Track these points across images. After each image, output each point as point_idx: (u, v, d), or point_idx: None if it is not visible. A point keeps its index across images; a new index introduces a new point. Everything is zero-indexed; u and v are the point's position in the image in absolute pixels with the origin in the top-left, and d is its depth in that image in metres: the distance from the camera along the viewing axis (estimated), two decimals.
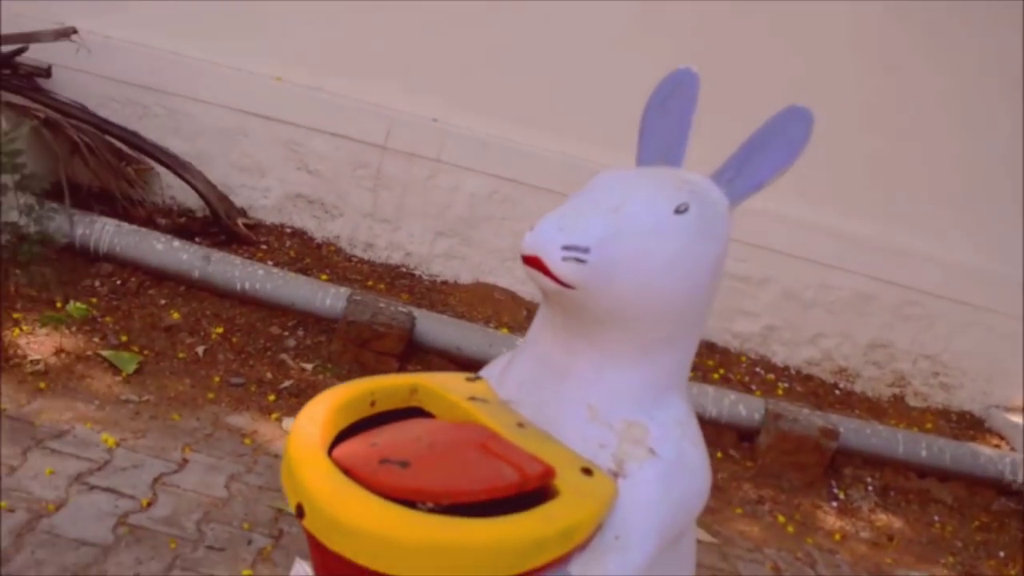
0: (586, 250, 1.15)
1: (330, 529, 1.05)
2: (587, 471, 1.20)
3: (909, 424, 3.65)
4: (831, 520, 3.12)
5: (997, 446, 3.62)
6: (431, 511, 1.06)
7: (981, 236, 3.67)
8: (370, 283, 3.45)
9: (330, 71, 3.48)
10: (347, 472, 1.10)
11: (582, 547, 1.15)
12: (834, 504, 3.21)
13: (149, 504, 2.14)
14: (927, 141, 3.61)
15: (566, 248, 1.15)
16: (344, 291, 3.20)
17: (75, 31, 3.08)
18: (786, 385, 3.63)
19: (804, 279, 3.65)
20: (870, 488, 3.33)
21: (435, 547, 1.02)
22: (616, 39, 3.47)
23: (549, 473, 1.15)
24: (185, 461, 2.37)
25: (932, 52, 3.53)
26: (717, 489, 3.11)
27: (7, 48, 3.14)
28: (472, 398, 1.32)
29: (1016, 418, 3.71)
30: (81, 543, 1.93)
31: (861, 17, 3.49)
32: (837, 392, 3.74)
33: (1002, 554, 3.21)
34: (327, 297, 3.17)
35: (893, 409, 3.75)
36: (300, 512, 1.07)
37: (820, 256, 3.63)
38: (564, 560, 1.12)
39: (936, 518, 3.31)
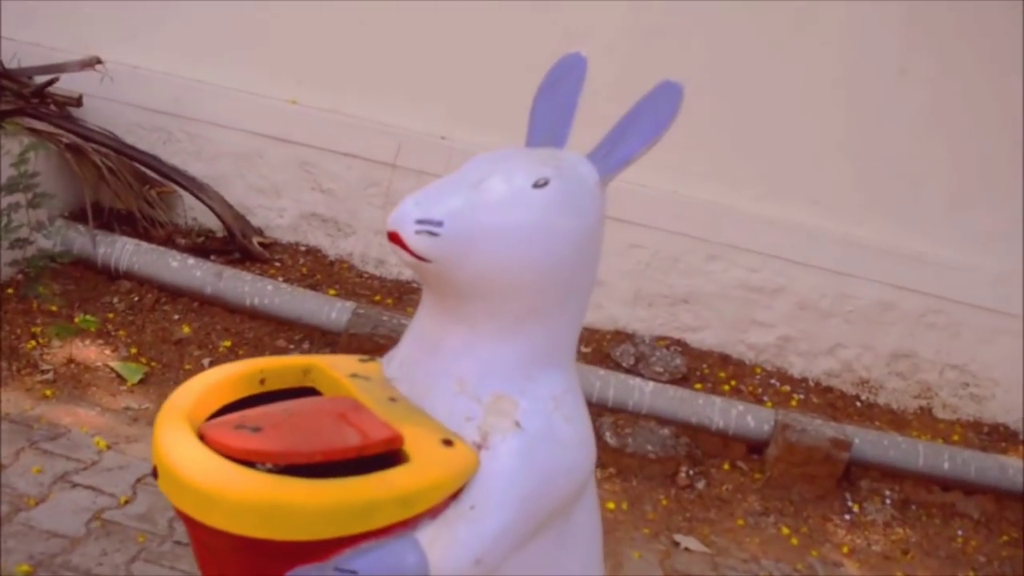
0: (439, 223, 1.19)
1: (175, 487, 1.10)
2: (448, 442, 1.22)
3: (936, 436, 3.50)
4: (841, 533, 3.02)
5: None
6: (269, 471, 1.11)
7: (1007, 240, 3.52)
8: (378, 298, 3.52)
9: (342, 92, 3.59)
10: (201, 437, 1.15)
11: (433, 515, 1.17)
12: (846, 517, 3.10)
13: (127, 502, 2.23)
14: (946, 143, 3.49)
15: (419, 222, 1.19)
16: (349, 305, 3.27)
17: (100, 61, 3.27)
18: (802, 397, 3.54)
19: (820, 288, 3.56)
20: (887, 501, 3.20)
21: (263, 504, 1.06)
22: (622, 53, 3.48)
23: (395, 439, 1.17)
24: None
25: (948, 53, 3.43)
26: (720, 500, 3.06)
27: (40, 79, 3.36)
28: (353, 375, 1.36)
29: None
30: (52, 535, 2.02)
31: (873, 20, 3.42)
32: (859, 404, 3.62)
33: None
34: (332, 311, 3.25)
35: (919, 421, 3.60)
36: (154, 473, 1.12)
37: (837, 265, 3.54)
38: (408, 525, 1.14)
39: (960, 532, 3.16)
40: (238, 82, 3.60)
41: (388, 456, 1.17)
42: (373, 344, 3.12)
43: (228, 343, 3.18)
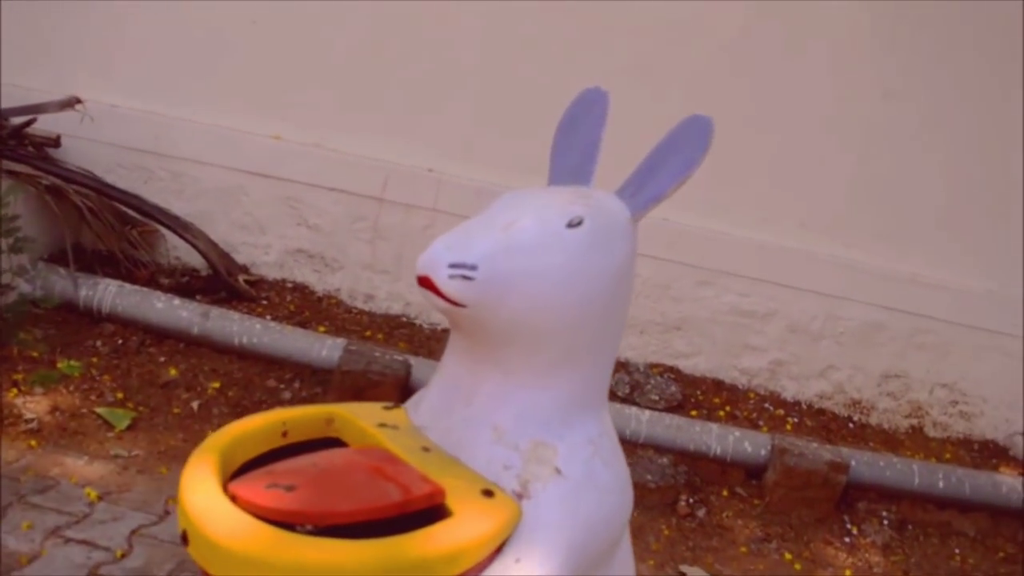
0: (473, 267, 1.16)
1: (209, 553, 1.05)
2: (488, 493, 1.18)
3: (928, 455, 3.51)
4: (842, 556, 3.01)
5: (1022, 474, 3.46)
6: (310, 533, 1.06)
7: (993, 260, 3.57)
8: (368, 333, 3.47)
9: (327, 127, 3.56)
10: (233, 498, 1.10)
11: (480, 569, 1.13)
12: (846, 540, 3.09)
13: (123, 555, 2.15)
14: (932, 166, 3.54)
15: (452, 266, 1.16)
16: (340, 342, 3.22)
17: (79, 101, 3.21)
18: (796, 420, 3.54)
19: (811, 311, 3.58)
20: (885, 522, 3.20)
21: (309, 569, 1.01)
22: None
23: (437, 493, 1.14)
24: (167, 513, 2.39)
25: (932, 76, 3.48)
26: (722, 528, 3.04)
27: (17, 120, 3.29)
28: (382, 424, 1.32)
29: None
30: None
31: (852, 40, 3.47)
32: (851, 425, 3.63)
33: None
34: (323, 348, 3.20)
35: (911, 441, 3.62)
36: (184, 539, 1.08)
37: (826, 287, 3.56)
38: None
39: (957, 551, 3.16)
40: (219, 119, 3.56)
41: (429, 510, 1.14)
42: (367, 380, 3.07)
43: (217, 384, 3.11)
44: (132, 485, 2.50)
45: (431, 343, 3.51)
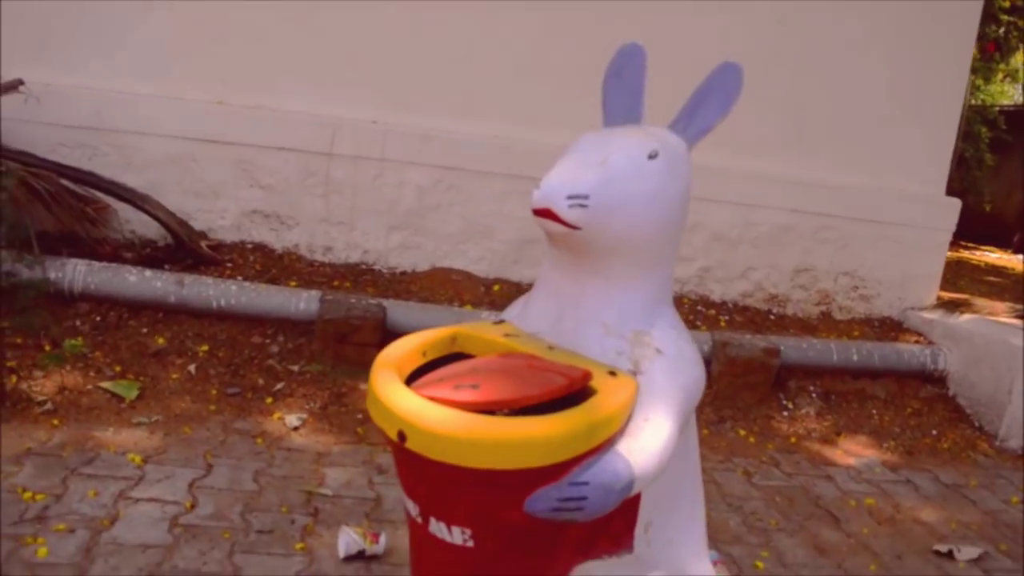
0: (586, 197, 1.43)
1: (434, 443, 1.30)
2: (612, 373, 1.48)
3: (839, 335, 4.06)
4: (785, 427, 3.50)
5: (917, 342, 4.05)
6: (506, 415, 1.34)
7: (880, 162, 4.10)
8: (336, 283, 3.65)
9: (269, 89, 3.66)
10: (433, 401, 1.36)
11: (621, 432, 1.43)
12: (785, 414, 3.59)
13: (192, 506, 2.33)
14: (821, 84, 4.00)
15: (570, 198, 1.43)
16: (315, 294, 3.40)
17: (22, 82, 3.18)
18: (727, 318, 3.99)
19: (730, 220, 4.01)
20: (814, 395, 3.71)
21: (522, 441, 1.29)
22: (535, 27, 3.74)
23: (588, 376, 1.43)
24: (210, 466, 2.57)
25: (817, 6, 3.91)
26: None
27: None
28: (506, 335, 1.59)
29: (929, 315, 4.16)
30: (145, 547, 2.12)
31: None
32: (772, 317, 4.12)
33: (935, 432, 3.64)
34: (300, 302, 3.37)
35: (823, 324, 4.16)
36: (402, 438, 1.32)
37: (741, 198, 3.99)
38: (610, 442, 1.40)
39: (874, 412, 3.72)
40: (161, 88, 3.59)
41: (572, 394, 1.42)
42: (348, 326, 3.28)
43: (205, 347, 3.25)
44: (166, 447, 2.64)
45: (395, 286, 3.74)
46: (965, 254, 6.47)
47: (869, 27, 3.98)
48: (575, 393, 1.43)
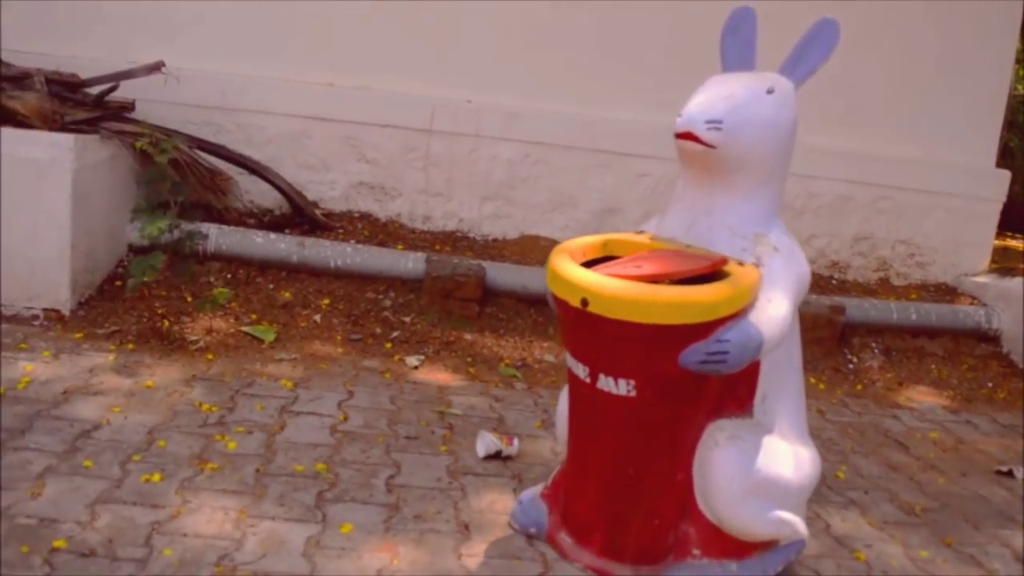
0: (720, 121, 1.79)
1: (613, 305, 1.65)
2: (741, 264, 1.83)
3: (898, 299, 4.34)
4: (852, 378, 3.80)
5: (971, 304, 4.33)
6: (670, 284, 1.69)
7: (933, 133, 4.39)
8: (436, 247, 4.02)
9: (374, 72, 4.04)
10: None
11: (750, 308, 1.77)
12: (851, 366, 3.89)
13: (345, 418, 2.70)
14: (875, 66, 4.30)
15: (708, 122, 1.78)
16: (421, 255, 3.77)
17: (164, 64, 3.58)
18: None
19: (793, 191, 4.32)
20: (876, 351, 4.01)
21: (682, 302, 1.64)
22: (612, 16, 4.10)
23: (726, 260, 1.78)
24: (351, 392, 2.93)
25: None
26: None
27: (98, 89, 3.64)
28: (651, 239, 1.94)
29: (982, 279, 4.44)
30: (314, 446, 2.48)
31: None
32: (834, 282, 4.42)
33: (990, 384, 3.92)
34: (408, 262, 3.74)
35: (882, 289, 4.45)
36: (584, 303, 1.67)
37: (803, 169, 4.26)
38: (743, 313, 1.74)
39: (933, 366, 4.00)
40: (278, 71, 3.99)
41: (715, 276, 1.77)
42: (454, 283, 3.65)
43: (327, 301, 3.62)
44: (309, 377, 3.01)
45: (488, 251, 4.09)
46: (1012, 243, 6.70)
47: (922, 5, 4.28)
48: (714, 275, 1.77)
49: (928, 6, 4.30)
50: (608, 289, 1.66)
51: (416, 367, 3.28)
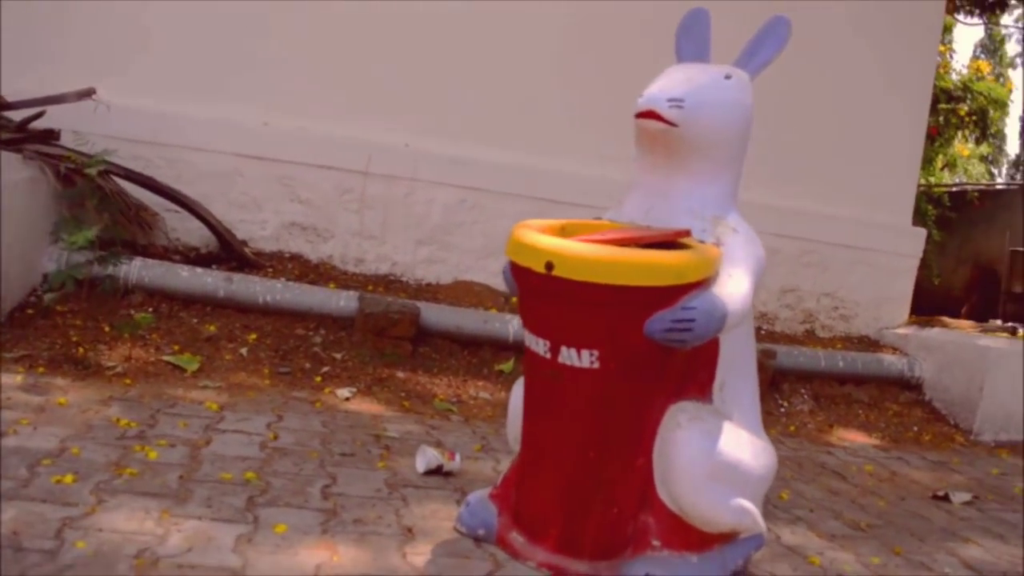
0: (682, 100, 1.81)
1: (579, 266, 1.62)
2: (701, 242, 1.82)
3: (824, 348, 4.42)
4: (783, 421, 3.81)
5: (895, 355, 4.44)
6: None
7: (856, 194, 4.58)
8: (369, 288, 3.93)
9: (311, 112, 4.01)
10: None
11: (712, 281, 1.75)
12: (782, 409, 3.91)
13: (275, 437, 2.55)
14: (801, 124, 4.50)
15: (670, 101, 1.80)
16: (353, 293, 3.68)
17: (95, 91, 3.49)
18: None
19: None
20: (806, 396, 4.05)
21: (649, 263, 1.61)
22: (552, 66, 4.20)
23: (688, 232, 1.77)
24: (280, 417, 2.79)
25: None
26: None
27: (25, 113, 3.50)
28: (610, 219, 1.93)
29: (903, 330, 4.57)
30: (243, 458, 2.33)
31: None
32: (762, 332, 4.48)
33: (915, 428, 3.99)
34: (340, 300, 3.65)
35: (808, 341, 4.53)
36: (549, 267, 1.63)
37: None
38: (706, 284, 1.72)
39: (860, 412, 4.06)
40: (212, 109, 3.92)
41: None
42: (387, 320, 3.56)
43: (254, 336, 3.48)
44: (235, 403, 2.86)
45: (421, 295, 4.02)
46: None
47: (848, 76, 4.53)
48: (678, 247, 1.76)
49: (853, 78, 4.56)
50: (574, 251, 1.63)
51: (348, 398, 3.15)
